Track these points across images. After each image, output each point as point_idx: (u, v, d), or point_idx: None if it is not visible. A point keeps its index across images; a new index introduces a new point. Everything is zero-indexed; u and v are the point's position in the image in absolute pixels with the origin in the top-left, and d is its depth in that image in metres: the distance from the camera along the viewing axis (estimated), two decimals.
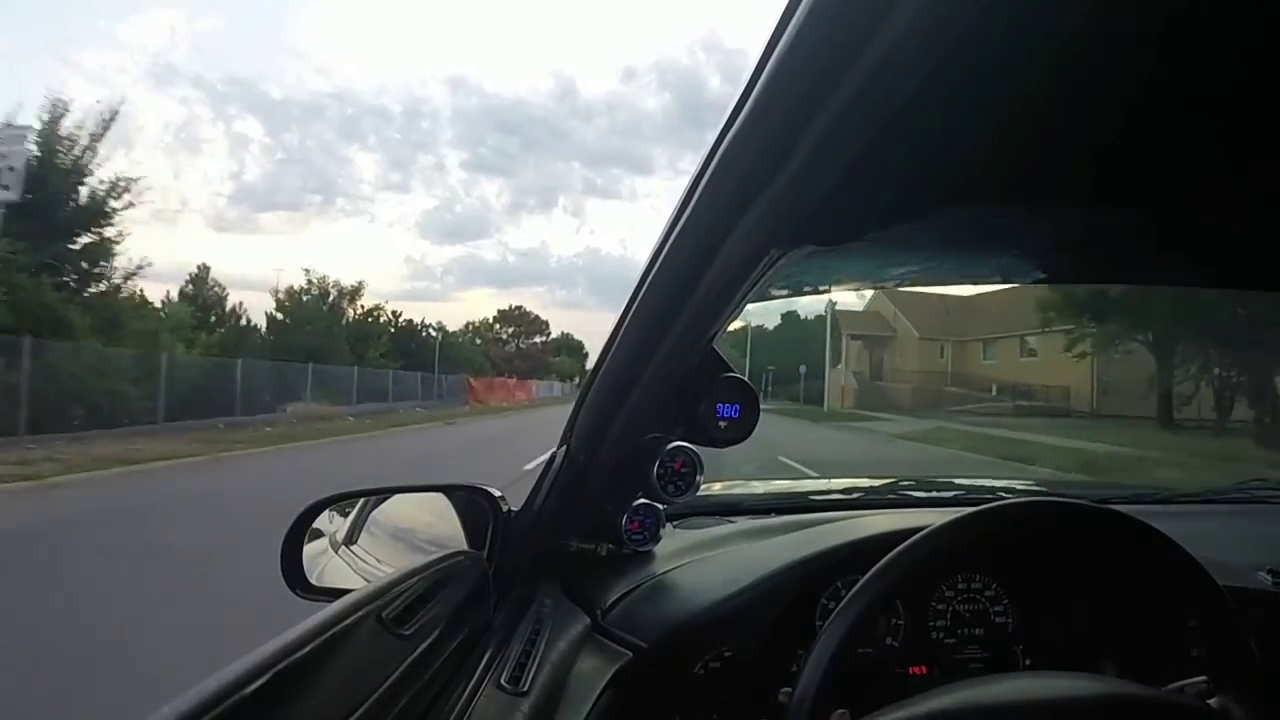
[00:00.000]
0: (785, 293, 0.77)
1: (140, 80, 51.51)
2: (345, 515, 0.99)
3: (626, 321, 0.66)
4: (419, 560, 0.64)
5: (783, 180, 0.43)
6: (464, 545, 0.82)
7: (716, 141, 0.44)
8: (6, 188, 9.92)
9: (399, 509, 0.99)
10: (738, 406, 0.78)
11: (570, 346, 64.67)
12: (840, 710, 0.57)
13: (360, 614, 0.48)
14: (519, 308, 57.23)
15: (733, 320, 0.70)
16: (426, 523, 0.93)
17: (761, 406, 0.80)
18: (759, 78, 0.38)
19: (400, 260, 74.82)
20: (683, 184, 0.52)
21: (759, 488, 1.37)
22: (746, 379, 0.79)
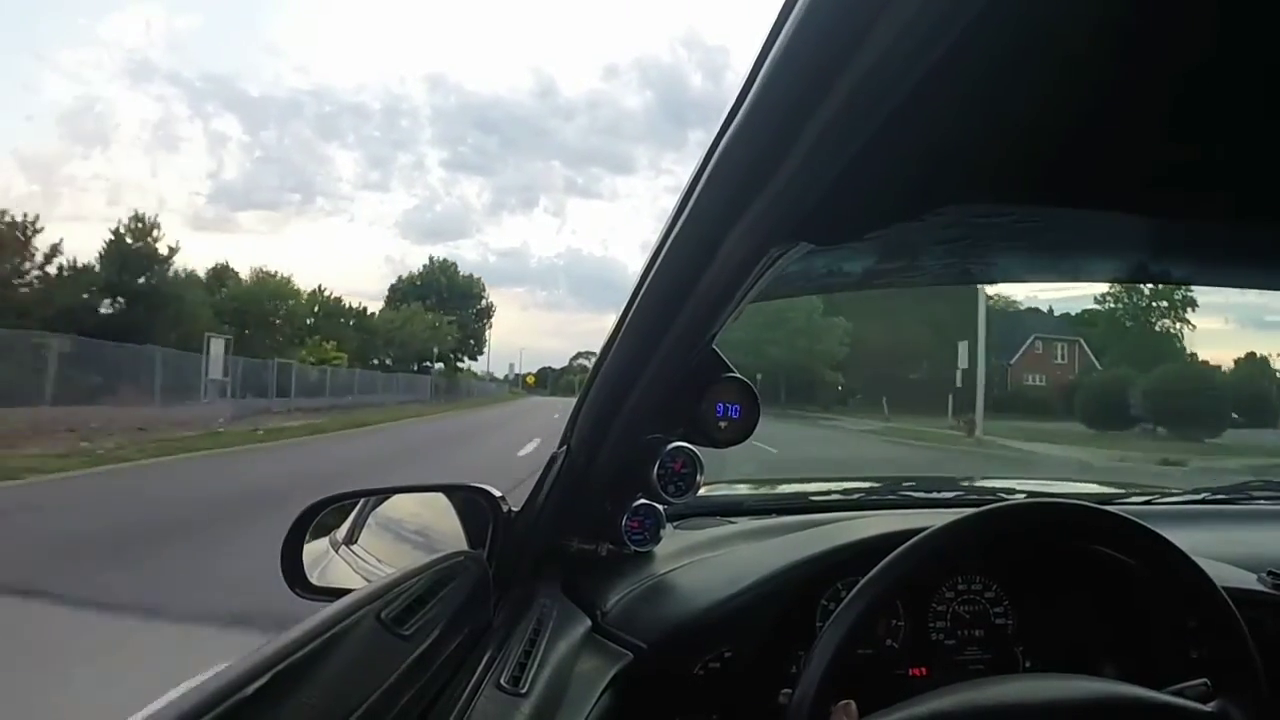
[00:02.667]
0: (785, 293, 0.77)
1: (116, 77, 50.98)
2: (345, 515, 1.00)
3: (626, 321, 0.66)
4: (419, 560, 0.64)
5: (782, 180, 0.43)
6: (464, 545, 0.82)
7: (715, 141, 0.44)
8: None
9: (399, 509, 0.99)
10: (738, 407, 0.78)
11: (446, 285, 31.12)
12: (845, 701, 0.57)
13: (360, 614, 0.48)
14: None
15: (733, 320, 0.70)
16: (426, 523, 0.93)
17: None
18: (757, 77, 0.38)
19: (380, 260, 74.17)
20: (664, 184, 0.52)
21: (759, 489, 1.37)
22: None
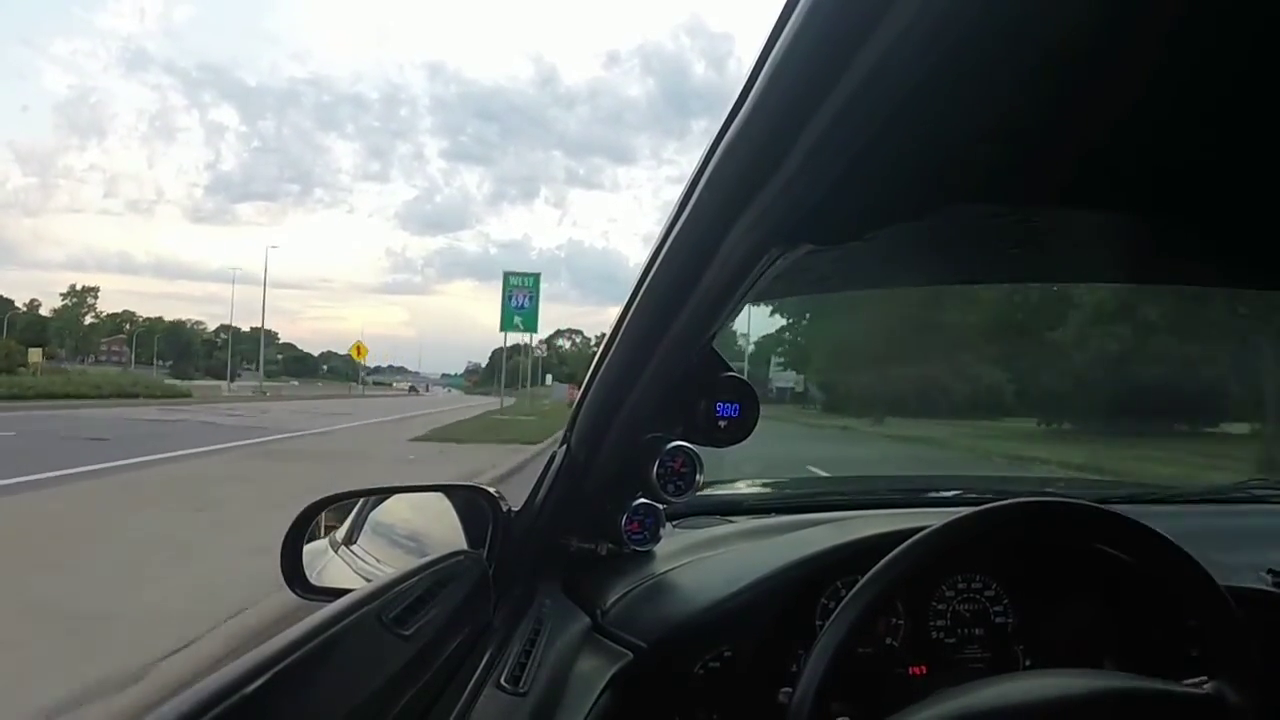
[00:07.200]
0: (786, 293, 0.77)
1: (111, 66, 51.05)
2: (345, 515, 1.00)
3: (626, 320, 0.66)
4: (419, 560, 0.64)
5: (782, 179, 0.43)
6: (464, 545, 0.82)
7: (716, 140, 0.44)
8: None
9: (398, 509, 0.99)
10: (737, 406, 0.78)
11: None
12: (841, 717, 0.57)
13: (360, 614, 0.48)
14: None
15: (732, 319, 0.70)
16: (426, 522, 0.93)
17: None
18: (758, 76, 0.38)
19: (380, 252, 74.32)
20: (666, 174, 0.52)
21: (759, 488, 1.36)
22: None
